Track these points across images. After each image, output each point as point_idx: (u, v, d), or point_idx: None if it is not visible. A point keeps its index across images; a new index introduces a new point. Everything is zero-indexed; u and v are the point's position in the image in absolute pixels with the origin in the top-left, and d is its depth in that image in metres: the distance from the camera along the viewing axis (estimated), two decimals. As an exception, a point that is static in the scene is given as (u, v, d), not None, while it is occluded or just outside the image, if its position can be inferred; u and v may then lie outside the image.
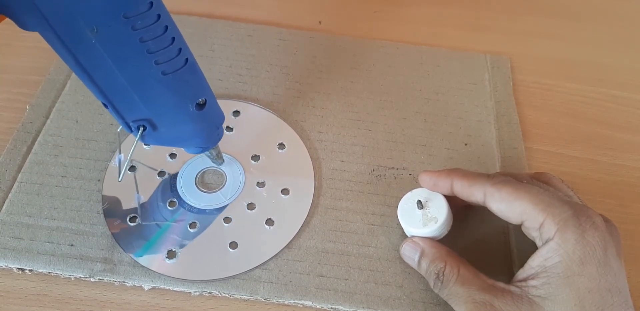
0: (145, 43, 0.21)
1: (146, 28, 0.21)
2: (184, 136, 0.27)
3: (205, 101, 0.26)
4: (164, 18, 0.21)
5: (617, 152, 0.39)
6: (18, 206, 0.31)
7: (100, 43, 0.20)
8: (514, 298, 0.25)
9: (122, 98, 0.24)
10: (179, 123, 0.26)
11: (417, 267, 0.29)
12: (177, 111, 0.25)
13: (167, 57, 0.22)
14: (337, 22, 0.45)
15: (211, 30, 0.42)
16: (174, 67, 0.23)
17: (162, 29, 0.21)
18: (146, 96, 0.24)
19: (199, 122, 0.26)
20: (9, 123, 0.35)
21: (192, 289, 0.29)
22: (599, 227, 0.24)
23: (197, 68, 0.25)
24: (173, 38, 0.22)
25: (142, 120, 0.25)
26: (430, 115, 0.39)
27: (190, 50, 0.24)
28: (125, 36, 0.20)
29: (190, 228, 0.31)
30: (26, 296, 0.29)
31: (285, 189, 0.33)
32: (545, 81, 0.43)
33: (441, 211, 0.29)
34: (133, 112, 0.25)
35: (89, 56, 0.21)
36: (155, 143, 0.28)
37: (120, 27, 0.20)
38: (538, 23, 0.47)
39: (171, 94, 0.24)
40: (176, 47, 0.22)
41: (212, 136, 0.29)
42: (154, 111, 0.25)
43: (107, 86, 0.23)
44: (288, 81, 0.39)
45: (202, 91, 0.26)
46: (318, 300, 0.29)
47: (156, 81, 0.23)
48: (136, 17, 0.20)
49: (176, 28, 0.22)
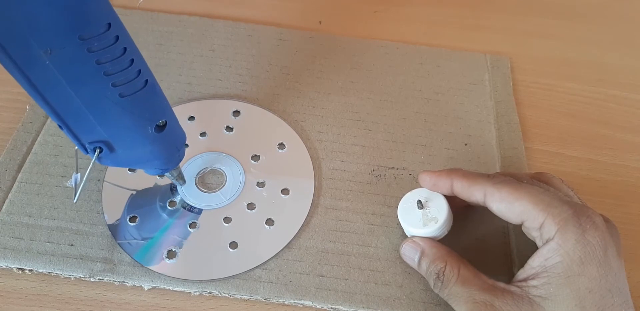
0: (102, 65, 0.20)
1: (103, 50, 0.20)
2: (143, 158, 0.26)
3: (165, 122, 0.25)
4: (123, 39, 0.20)
5: (617, 153, 0.39)
6: (18, 206, 0.31)
7: (55, 65, 0.19)
8: (515, 298, 0.25)
9: (78, 120, 0.23)
10: (137, 145, 0.25)
11: (417, 267, 0.29)
12: (135, 133, 0.24)
13: (125, 79, 0.21)
14: (337, 22, 0.45)
15: (211, 30, 0.42)
16: (133, 89, 0.22)
17: (121, 50, 0.20)
18: (103, 118, 0.23)
19: (159, 145, 0.25)
20: (9, 123, 0.35)
21: (192, 289, 0.29)
22: (599, 227, 0.24)
23: (158, 89, 0.24)
24: (132, 60, 0.21)
25: (98, 142, 0.24)
26: (430, 115, 0.39)
27: (150, 71, 0.23)
28: (81, 58, 0.19)
29: (190, 228, 0.31)
30: (26, 296, 0.29)
31: (285, 189, 0.33)
32: (545, 81, 0.43)
33: (441, 211, 0.29)
34: (89, 134, 0.24)
35: (43, 77, 0.20)
36: (112, 165, 0.27)
37: (76, 49, 0.19)
38: (538, 23, 0.47)
39: (129, 117, 0.23)
40: (135, 69, 0.21)
41: (173, 157, 0.28)
42: (111, 133, 0.24)
43: (62, 107, 0.22)
44: (288, 81, 0.39)
45: (161, 112, 0.25)
46: (318, 300, 0.29)
47: (113, 103, 0.22)
48: (93, 38, 0.19)
49: (136, 49, 0.21)
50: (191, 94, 0.38)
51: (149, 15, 0.42)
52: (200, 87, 0.38)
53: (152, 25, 0.41)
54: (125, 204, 0.32)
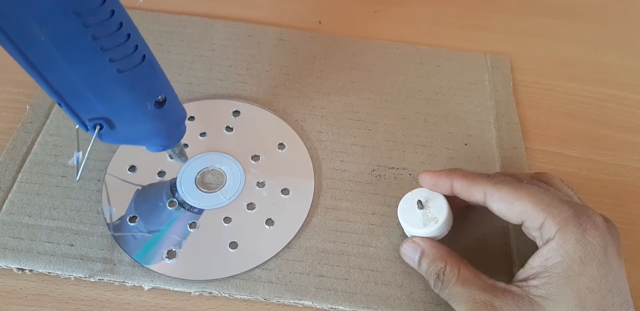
0: (99, 40, 0.20)
1: (99, 24, 0.20)
2: (143, 135, 0.26)
3: (164, 98, 0.25)
4: (119, 14, 0.20)
5: (617, 153, 0.39)
6: (18, 206, 0.31)
7: (51, 41, 0.19)
8: (515, 298, 0.25)
9: (77, 97, 0.23)
10: (137, 122, 0.25)
11: (418, 267, 0.29)
12: (134, 110, 0.24)
13: (122, 54, 0.21)
14: (337, 22, 0.45)
15: (211, 30, 0.42)
16: (130, 65, 0.22)
17: (117, 25, 0.20)
18: (102, 95, 0.23)
19: (159, 121, 0.25)
20: (9, 123, 0.35)
21: (192, 289, 0.29)
22: (599, 227, 0.24)
23: (156, 65, 0.24)
24: (129, 34, 0.21)
25: (98, 118, 0.24)
26: (430, 115, 0.39)
27: (148, 46, 0.23)
28: (77, 33, 0.19)
29: (190, 228, 0.31)
30: (26, 296, 0.29)
31: (285, 189, 0.33)
32: (545, 81, 0.43)
33: (441, 211, 0.29)
34: (89, 111, 0.24)
35: (40, 53, 0.20)
36: (113, 142, 0.27)
37: (71, 24, 0.19)
38: (538, 23, 0.47)
39: (128, 92, 0.23)
40: (132, 44, 0.21)
41: (173, 134, 0.28)
42: (111, 110, 0.24)
43: (60, 84, 0.22)
44: (288, 81, 0.39)
45: (161, 88, 0.25)
46: (318, 300, 0.29)
47: (111, 79, 0.22)
48: (88, 13, 0.19)
49: (132, 24, 0.21)
50: (191, 94, 0.38)
51: (149, 15, 0.42)
52: (200, 87, 0.38)
53: (152, 25, 0.41)
54: (126, 203, 0.32)
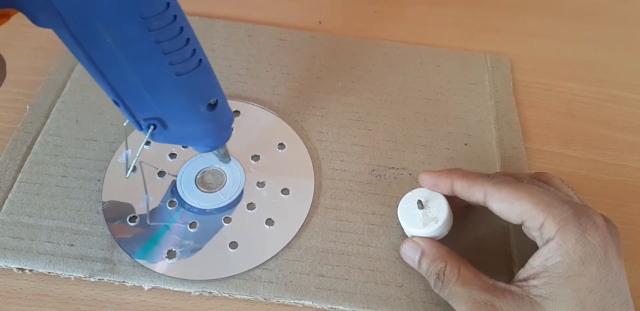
0: (161, 44, 0.21)
1: (162, 29, 0.20)
2: (194, 136, 0.27)
3: (216, 101, 0.26)
4: (180, 19, 0.21)
5: (617, 152, 0.39)
6: (18, 206, 0.31)
7: (116, 43, 0.20)
8: (515, 298, 0.25)
9: (135, 97, 0.24)
10: (189, 123, 0.26)
11: (418, 267, 0.29)
12: (188, 111, 0.25)
13: (181, 58, 0.22)
14: (337, 22, 0.45)
15: (211, 30, 0.42)
16: (188, 68, 0.23)
17: (178, 29, 0.21)
18: (159, 96, 0.24)
19: (210, 123, 0.26)
20: (9, 123, 0.35)
21: (192, 289, 0.29)
22: (599, 227, 0.24)
23: (210, 69, 0.25)
24: (188, 39, 0.22)
25: (153, 119, 0.25)
26: (430, 115, 0.39)
27: (203, 51, 0.24)
28: (141, 37, 0.20)
29: (190, 228, 0.31)
30: (26, 296, 0.29)
31: (285, 189, 0.33)
32: (545, 81, 0.43)
33: (441, 211, 0.29)
34: (145, 111, 0.25)
35: (103, 54, 0.21)
36: (163, 141, 0.28)
37: (137, 27, 0.20)
38: (538, 23, 0.47)
39: (184, 95, 0.24)
40: (190, 48, 0.22)
41: (222, 136, 0.29)
42: (166, 111, 0.25)
43: (120, 84, 0.23)
44: (288, 81, 0.39)
45: (214, 91, 0.25)
46: (318, 299, 0.29)
47: (170, 81, 0.23)
48: (153, 17, 0.20)
49: (191, 29, 0.22)
50: (191, 94, 0.38)
51: (149, 15, 0.42)
52: (200, 87, 0.38)
53: (152, 25, 0.41)
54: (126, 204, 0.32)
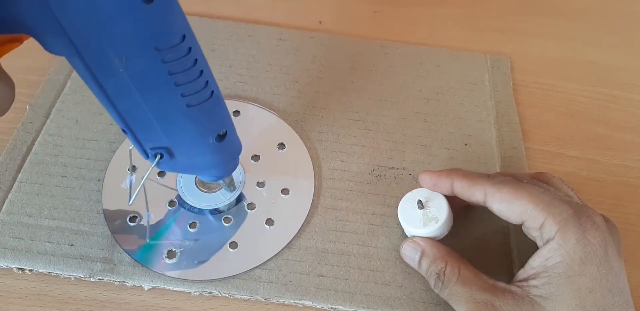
0: (174, 75, 0.20)
1: (176, 61, 0.20)
2: (201, 166, 0.27)
3: (225, 132, 0.25)
4: (195, 51, 0.21)
5: (617, 153, 0.39)
6: (18, 206, 0.31)
7: (128, 73, 0.20)
8: (515, 298, 0.25)
9: (144, 126, 0.23)
10: (197, 154, 0.25)
11: (418, 267, 0.29)
12: (197, 142, 0.25)
13: (193, 90, 0.22)
14: (337, 22, 0.45)
15: (211, 30, 0.42)
16: (200, 100, 0.22)
17: (192, 61, 0.21)
18: (168, 126, 0.23)
19: (218, 154, 0.26)
20: (9, 123, 0.35)
21: (192, 289, 0.29)
22: (599, 227, 0.24)
23: (222, 100, 0.24)
24: (202, 71, 0.21)
25: (160, 148, 0.25)
26: (430, 115, 0.39)
27: (216, 82, 0.23)
28: (155, 68, 0.20)
29: (190, 228, 0.31)
30: (26, 296, 0.29)
31: (285, 189, 0.33)
32: (545, 81, 0.43)
33: (441, 211, 0.29)
34: (152, 140, 0.24)
35: (115, 84, 0.21)
36: (169, 170, 0.27)
37: (151, 58, 0.19)
38: (538, 23, 0.47)
39: (194, 126, 0.23)
40: (203, 80, 0.22)
41: (229, 166, 0.29)
42: (174, 141, 0.24)
43: (130, 113, 0.23)
44: (288, 81, 0.39)
45: (224, 123, 0.25)
46: (318, 300, 0.29)
47: (180, 112, 0.22)
48: (168, 49, 0.19)
49: (204, 60, 0.22)
50: (191, 94, 0.38)
51: (149, 15, 0.42)
52: (200, 87, 0.38)
53: (152, 25, 0.41)
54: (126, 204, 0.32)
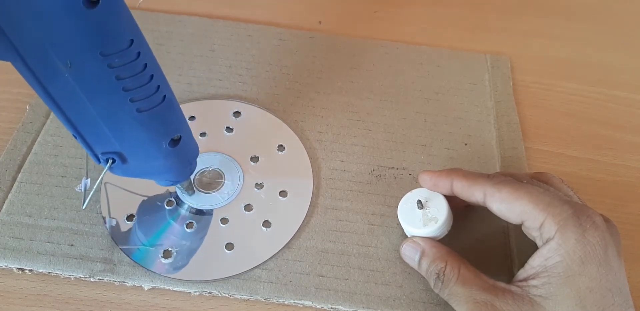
0: (122, 81, 0.20)
1: (124, 66, 0.19)
2: (155, 171, 0.26)
3: (180, 137, 0.25)
4: (144, 55, 0.20)
5: (617, 152, 0.39)
6: (18, 206, 0.31)
7: (74, 78, 0.19)
8: (515, 298, 0.25)
9: (93, 131, 0.23)
10: (150, 159, 0.25)
11: (418, 267, 0.29)
12: (149, 147, 0.24)
13: (143, 95, 0.21)
14: (337, 22, 0.45)
15: (211, 30, 0.42)
16: (151, 105, 0.22)
17: (141, 66, 0.20)
18: (118, 131, 0.23)
19: (172, 158, 0.25)
20: (9, 123, 0.35)
21: (192, 289, 0.29)
22: (599, 226, 0.24)
23: (175, 104, 0.24)
24: (152, 75, 0.21)
25: (111, 153, 0.24)
26: (430, 115, 0.39)
27: (169, 86, 0.23)
28: (101, 73, 0.19)
29: (187, 228, 0.31)
30: (26, 296, 0.29)
31: (283, 191, 0.33)
32: (545, 81, 0.43)
33: (441, 211, 0.29)
34: (103, 145, 0.24)
35: (61, 88, 0.20)
36: (123, 175, 0.27)
37: (96, 64, 0.19)
38: (538, 23, 0.47)
39: (145, 131, 0.23)
40: (154, 85, 0.21)
41: (184, 170, 0.28)
42: (125, 146, 0.24)
43: (78, 119, 0.22)
44: (288, 81, 0.39)
45: (177, 127, 0.25)
46: (318, 300, 0.29)
47: (130, 117, 0.22)
48: (114, 54, 0.19)
49: (156, 64, 0.21)
50: (191, 94, 0.38)
51: (149, 15, 0.42)
52: (200, 87, 0.38)
53: (152, 25, 0.41)
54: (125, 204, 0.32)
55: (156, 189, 0.33)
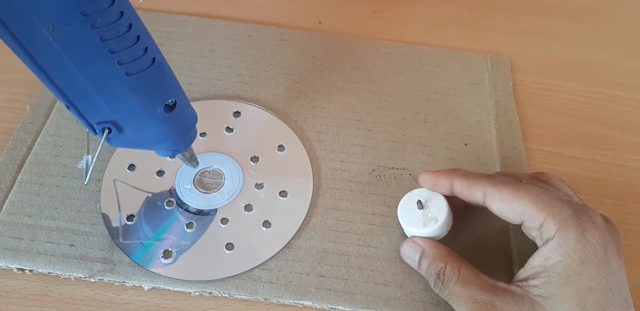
0: (107, 42, 0.19)
1: (107, 26, 0.19)
2: (153, 139, 0.26)
3: (174, 102, 0.24)
4: (128, 15, 0.20)
5: (617, 153, 0.39)
6: (18, 206, 0.31)
7: (58, 42, 0.19)
8: (515, 298, 0.25)
9: (85, 99, 0.23)
10: (146, 126, 0.24)
11: (418, 267, 0.29)
12: (143, 113, 0.24)
13: (131, 57, 0.21)
14: (337, 22, 0.45)
15: (211, 30, 0.42)
16: (140, 68, 0.21)
17: (126, 27, 0.20)
18: (110, 98, 0.22)
19: (168, 125, 0.25)
20: (9, 123, 0.35)
21: (192, 289, 0.29)
22: (599, 226, 0.24)
23: (166, 68, 0.23)
24: (138, 36, 0.20)
25: (106, 122, 0.24)
26: (430, 115, 0.39)
27: (158, 49, 0.22)
28: (85, 35, 0.19)
29: (187, 228, 0.31)
30: (26, 296, 0.29)
31: (283, 191, 0.33)
32: (545, 81, 0.43)
33: (441, 211, 0.29)
34: (97, 114, 0.24)
35: (47, 55, 0.20)
36: (122, 146, 0.26)
37: (79, 25, 0.18)
38: (538, 23, 0.47)
39: (136, 96, 0.22)
40: (141, 47, 0.21)
41: (184, 138, 0.27)
42: (119, 113, 0.23)
43: (68, 86, 0.22)
44: (288, 81, 0.39)
45: (171, 91, 0.24)
46: (318, 300, 0.29)
47: (120, 82, 0.21)
48: (96, 14, 0.18)
49: (142, 26, 0.21)
50: (191, 94, 0.38)
51: (149, 15, 0.42)
52: (200, 87, 0.38)
53: (152, 25, 0.41)
54: (124, 203, 0.32)
55: (156, 189, 0.33)
